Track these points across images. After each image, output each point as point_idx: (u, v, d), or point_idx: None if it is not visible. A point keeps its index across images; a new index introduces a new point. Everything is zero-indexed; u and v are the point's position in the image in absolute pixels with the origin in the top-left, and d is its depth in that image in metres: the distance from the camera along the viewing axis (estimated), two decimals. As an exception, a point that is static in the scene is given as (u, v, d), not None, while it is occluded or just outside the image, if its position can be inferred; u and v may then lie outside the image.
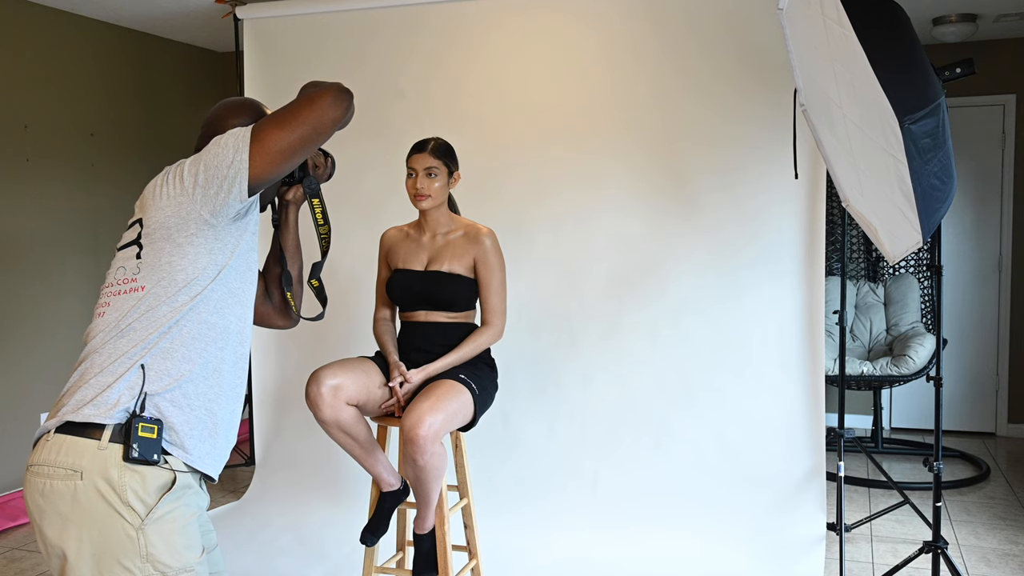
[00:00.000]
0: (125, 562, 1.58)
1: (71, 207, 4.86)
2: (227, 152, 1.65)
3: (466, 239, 2.80)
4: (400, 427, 2.51)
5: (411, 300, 2.81)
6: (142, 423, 1.60)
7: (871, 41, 2.11)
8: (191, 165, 1.67)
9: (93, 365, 1.65)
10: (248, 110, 1.87)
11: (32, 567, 3.69)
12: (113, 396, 1.61)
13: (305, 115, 1.65)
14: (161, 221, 1.67)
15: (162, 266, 1.67)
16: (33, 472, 1.62)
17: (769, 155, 3.59)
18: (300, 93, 1.74)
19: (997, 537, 3.91)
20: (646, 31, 3.74)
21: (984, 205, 5.71)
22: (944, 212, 2.37)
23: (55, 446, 1.60)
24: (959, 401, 5.81)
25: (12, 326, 4.54)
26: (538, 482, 3.82)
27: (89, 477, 1.57)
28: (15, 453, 4.55)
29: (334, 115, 1.67)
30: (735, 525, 3.56)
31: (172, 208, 1.67)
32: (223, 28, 5.25)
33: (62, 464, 1.59)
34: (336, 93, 1.67)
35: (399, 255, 2.87)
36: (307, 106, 1.66)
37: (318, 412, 2.56)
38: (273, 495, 4.15)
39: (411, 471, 2.55)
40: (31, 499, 1.62)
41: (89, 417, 1.60)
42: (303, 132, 1.66)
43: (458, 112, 3.98)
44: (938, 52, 5.54)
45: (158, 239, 1.67)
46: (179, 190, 1.67)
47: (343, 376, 2.59)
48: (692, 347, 3.68)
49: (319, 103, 1.66)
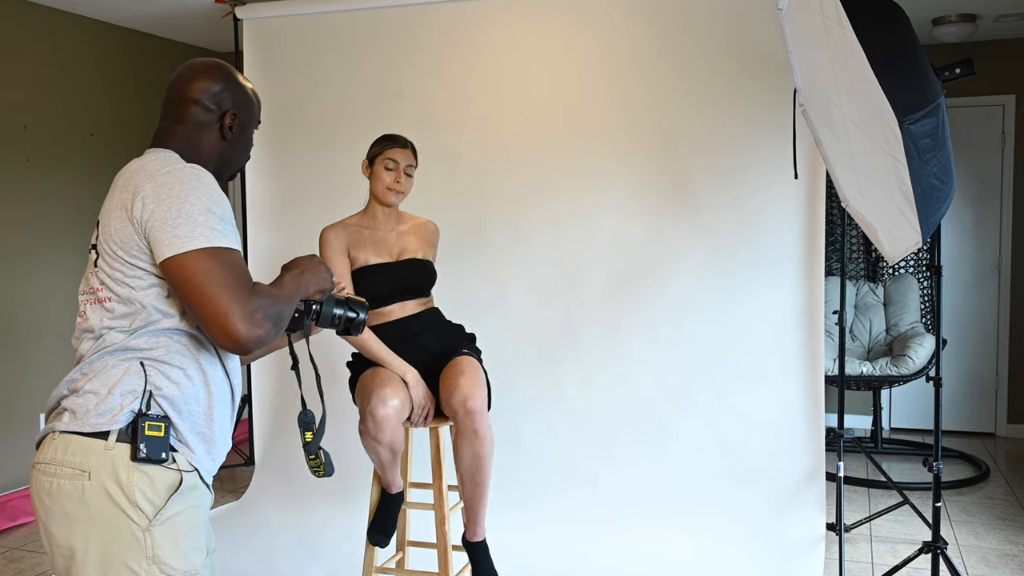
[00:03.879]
0: (131, 563, 1.55)
1: (71, 207, 4.86)
2: (163, 235, 1.53)
3: (421, 228, 2.89)
4: (449, 408, 2.55)
5: (390, 292, 2.75)
6: (148, 421, 1.57)
7: (871, 41, 2.11)
8: (147, 206, 1.56)
9: (85, 372, 1.61)
10: (214, 72, 1.74)
11: (32, 567, 3.69)
12: (115, 403, 1.58)
13: (218, 297, 1.51)
14: (110, 234, 1.60)
15: (118, 282, 1.60)
16: (39, 470, 1.59)
17: (769, 156, 3.59)
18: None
19: (997, 537, 3.91)
20: (646, 32, 3.74)
21: (984, 205, 5.71)
22: (944, 212, 2.37)
23: (62, 445, 1.57)
24: (959, 401, 5.81)
25: (12, 326, 4.54)
26: (538, 482, 3.82)
27: (97, 477, 1.55)
28: (15, 453, 4.55)
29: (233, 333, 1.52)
30: (734, 525, 3.56)
31: (121, 228, 1.59)
32: (223, 28, 5.25)
33: (69, 463, 1.56)
34: (251, 330, 1.52)
35: (364, 250, 2.77)
36: (224, 297, 1.51)
37: (381, 434, 2.52)
38: (273, 495, 4.15)
39: (468, 453, 2.58)
40: (37, 498, 1.59)
41: (94, 427, 1.56)
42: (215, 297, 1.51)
43: (458, 112, 3.98)
44: (938, 52, 5.54)
45: (111, 251, 1.60)
46: (127, 220, 1.58)
47: (403, 395, 2.58)
48: (692, 347, 3.68)
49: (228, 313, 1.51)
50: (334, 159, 4.14)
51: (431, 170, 3.98)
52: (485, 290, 3.88)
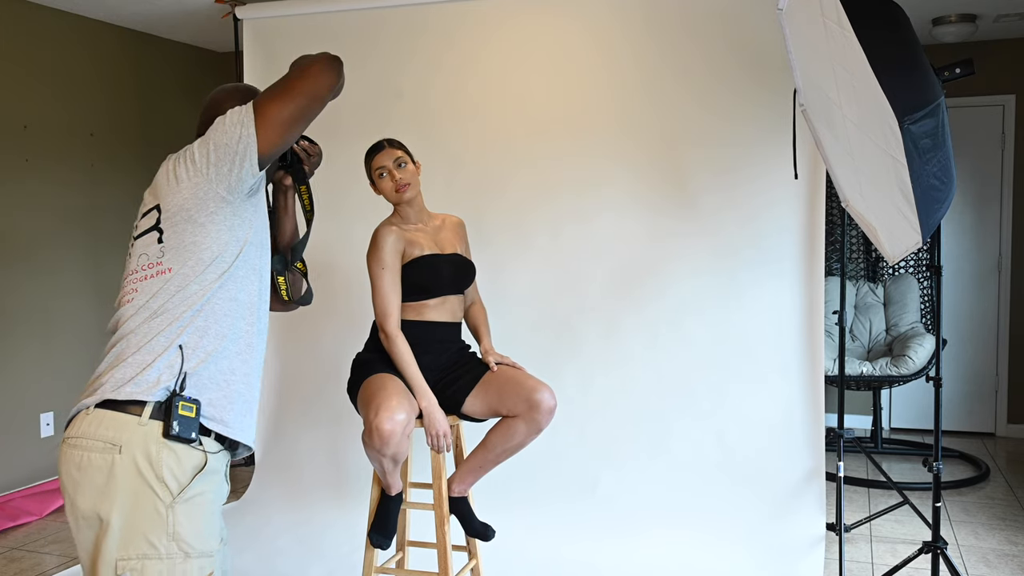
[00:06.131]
0: (151, 537, 1.61)
1: (71, 207, 4.86)
2: (234, 129, 1.69)
3: (452, 226, 2.93)
4: (530, 399, 2.67)
5: (442, 285, 2.78)
6: (182, 402, 1.64)
7: (871, 41, 2.11)
8: (200, 147, 1.72)
9: (129, 345, 1.68)
10: (245, 94, 1.91)
11: (32, 567, 3.69)
12: (153, 375, 1.65)
13: (300, 85, 1.71)
14: (180, 204, 1.71)
15: (187, 247, 1.70)
16: (70, 445, 1.65)
17: (769, 156, 3.60)
18: (291, 67, 1.79)
19: (996, 537, 3.91)
20: (645, 32, 3.74)
21: (984, 205, 5.71)
22: (943, 212, 2.37)
23: (95, 420, 1.64)
24: (959, 401, 5.81)
25: (11, 326, 4.54)
26: (537, 482, 3.82)
27: (128, 451, 1.61)
28: (15, 453, 4.55)
29: (328, 82, 1.73)
30: (734, 525, 3.56)
31: (190, 190, 1.70)
32: (223, 28, 5.25)
33: (101, 437, 1.62)
34: (326, 61, 1.74)
35: (416, 245, 2.79)
36: (301, 76, 1.72)
37: (386, 448, 2.52)
38: (273, 495, 4.15)
39: (517, 440, 2.71)
40: (65, 471, 1.65)
41: (131, 395, 1.63)
42: (301, 102, 1.71)
43: (458, 113, 3.98)
44: (938, 52, 5.54)
45: (179, 221, 1.71)
46: (193, 172, 1.70)
47: (409, 408, 2.59)
48: (692, 347, 3.68)
49: (311, 72, 1.72)
50: (334, 159, 4.14)
51: (431, 170, 3.98)
52: (485, 290, 3.89)
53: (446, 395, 2.79)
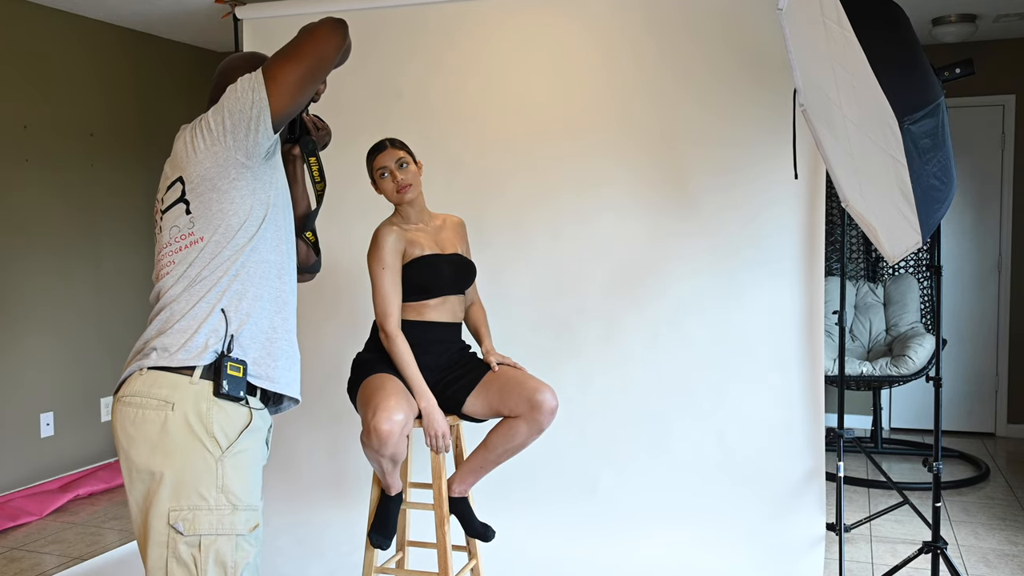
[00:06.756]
0: (202, 490, 1.70)
1: (71, 207, 4.86)
2: (246, 95, 1.74)
3: (453, 226, 2.94)
4: (532, 399, 2.66)
5: (442, 285, 2.79)
6: (230, 362, 1.74)
7: (870, 42, 2.11)
8: (214, 115, 1.77)
9: (174, 313, 1.76)
10: (255, 61, 1.96)
11: (32, 567, 3.69)
12: (200, 340, 1.74)
13: (308, 47, 1.77)
14: (202, 173, 1.77)
15: (214, 215, 1.77)
16: (124, 403, 1.74)
17: (769, 156, 3.60)
18: (299, 32, 1.84)
19: (996, 537, 3.91)
20: (645, 32, 3.74)
21: (984, 205, 5.71)
22: (943, 212, 2.37)
23: (149, 379, 1.73)
24: (959, 401, 5.81)
25: (11, 326, 4.54)
26: (537, 482, 3.82)
27: (180, 408, 1.70)
28: (15, 453, 4.55)
29: (335, 43, 1.79)
30: (734, 525, 3.56)
31: (210, 159, 1.76)
32: (223, 28, 5.25)
33: (156, 395, 1.71)
34: (333, 24, 1.80)
35: (416, 245, 2.80)
36: (308, 39, 1.78)
37: (384, 449, 2.53)
38: (273, 495, 4.15)
39: (518, 440, 2.70)
40: (120, 427, 1.74)
41: (182, 362, 1.72)
42: (310, 63, 1.77)
43: (458, 113, 3.98)
44: (938, 52, 5.54)
45: (204, 191, 1.77)
46: (211, 140, 1.76)
47: (407, 408, 2.59)
48: (692, 348, 3.68)
49: (319, 35, 1.78)
50: (334, 159, 4.14)
51: (431, 171, 3.98)
52: (485, 290, 3.89)
53: (447, 395, 2.79)
